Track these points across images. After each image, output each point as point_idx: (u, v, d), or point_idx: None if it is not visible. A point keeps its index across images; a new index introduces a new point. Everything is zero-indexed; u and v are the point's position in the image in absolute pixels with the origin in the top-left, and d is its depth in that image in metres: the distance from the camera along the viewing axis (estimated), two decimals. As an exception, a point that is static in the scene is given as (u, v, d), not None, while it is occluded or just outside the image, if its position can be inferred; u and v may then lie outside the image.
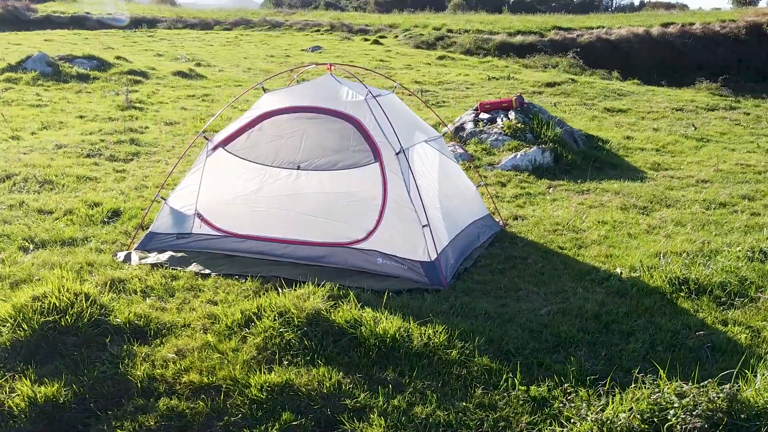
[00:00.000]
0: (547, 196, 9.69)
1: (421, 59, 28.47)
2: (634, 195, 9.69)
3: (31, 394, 4.52)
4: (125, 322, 5.40)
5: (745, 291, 6.09)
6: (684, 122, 16.64)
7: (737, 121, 17.08)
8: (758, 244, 7.18)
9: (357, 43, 34.90)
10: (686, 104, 19.27)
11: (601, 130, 14.84)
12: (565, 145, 11.62)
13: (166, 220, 7.11)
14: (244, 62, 26.24)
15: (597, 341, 5.31)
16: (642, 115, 17.56)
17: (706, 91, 23.05)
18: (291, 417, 4.40)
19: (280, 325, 5.22)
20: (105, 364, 4.89)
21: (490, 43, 33.13)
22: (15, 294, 5.76)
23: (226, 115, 15.24)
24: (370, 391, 4.64)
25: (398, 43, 35.11)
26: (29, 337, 5.05)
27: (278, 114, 6.95)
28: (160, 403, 4.55)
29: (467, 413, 4.47)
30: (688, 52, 34.29)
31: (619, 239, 7.70)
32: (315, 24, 41.84)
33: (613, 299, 6.03)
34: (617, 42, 34.65)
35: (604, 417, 4.24)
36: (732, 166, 11.82)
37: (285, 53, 29.61)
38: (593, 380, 4.72)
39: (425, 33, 35.96)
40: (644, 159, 12.36)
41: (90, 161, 10.64)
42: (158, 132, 13.29)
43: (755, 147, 13.85)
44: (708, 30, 36.01)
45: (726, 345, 5.23)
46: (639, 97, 20.35)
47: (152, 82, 19.98)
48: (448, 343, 5.15)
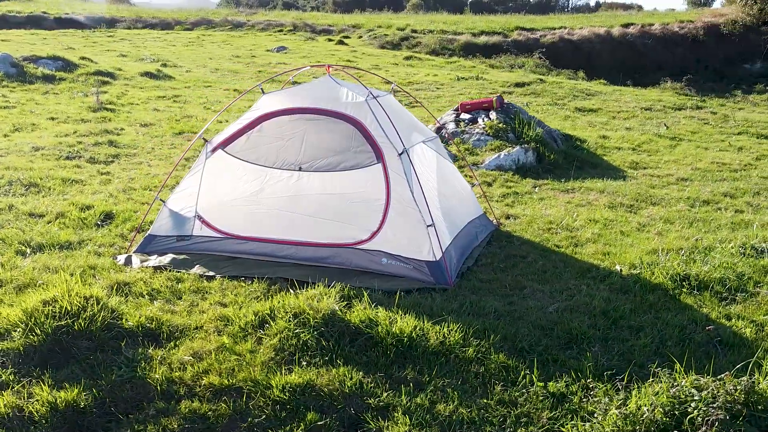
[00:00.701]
0: (534, 196, 9.84)
1: (388, 59, 28.57)
2: (620, 193, 9.88)
3: (50, 399, 4.50)
4: (137, 325, 5.39)
5: (744, 286, 6.27)
6: (654, 121, 16.98)
7: (706, 120, 17.48)
8: (749, 240, 7.38)
9: (321, 43, 34.86)
10: (654, 104, 19.66)
11: (576, 129, 15.08)
12: (547, 145, 11.79)
13: (166, 222, 7.08)
14: (210, 63, 26.07)
15: (608, 337, 5.42)
16: (613, 114, 17.88)
17: (672, 90, 23.53)
18: (316, 417, 4.44)
19: (296, 326, 5.25)
20: (122, 368, 4.88)
21: (455, 44, 33.35)
22: (21, 298, 5.72)
23: (201, 116, 15.18)
24: (391, 390, 4.70)
25: (363, 43, 35.14)
26: (42, 342, 5.03)
27: (278, 115, 6.95)
28: (182, 405, 4.55)
29: (489, 410, 4.54)
30: (648, 53, 34.91)
31: (613, 237, 7.86)
32: (277, 24, 41.68)
33: (618, 296, 6.16)
34: (579, 42, 35.12)
35: (627, 411, 4.34)
36: (708, 165, 12.12)
37: (250, 53, 29.45)
38: (610, 375, 4.82)
39: (390, 33, 36.04)
40: (622, 158, 12.60)
41: (71, 164, 10.52)
42: (135, 134, 13.18)
43: (727, 146, 14.20)
44: (667, 31, 36.67)
45: (733, 339, 5.38)
46: (607, 97, 20.70)
47: (120, 83, 19.75)
48: (464, 341, 5.23)
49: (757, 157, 13.03)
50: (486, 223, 8.02)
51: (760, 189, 10.35)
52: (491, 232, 7.95)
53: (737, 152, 13.52)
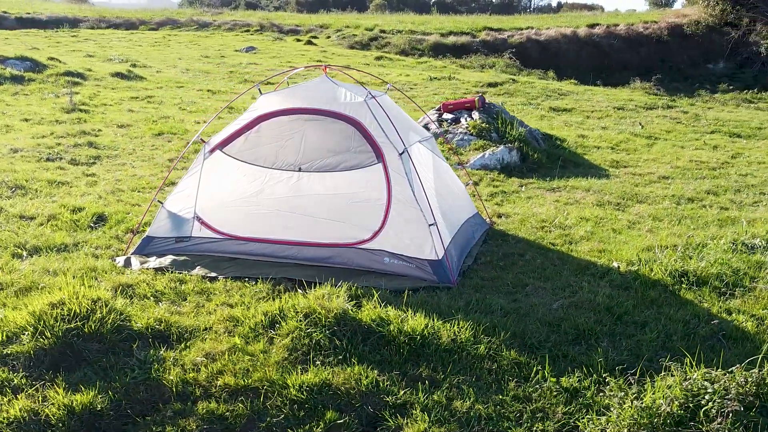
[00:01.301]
0: (522, 194, 9.96)
1: (359, 60, 28.60)
2: (606, 192, 10.05)
3: (66, 402, 4.48)
4: (146, 327, 5.40)
5: (740, 281, 6.43)
6: (629, 121, 17.26)
7: (678, 120, 17.80)
8: (738, 237, 7.56)
9: (290, 43, 34.78)
10: (626, 103, 19.97)
11: (554, 129, 15.27)
12: (530, 145, 11.94)
13: (164, 223, 7.05)
14: (180, 63, 25.88)
15: (614, 333, 5.53)
16: (587, 114, 18.12)
17: (641, 90, 23.91)
18: (335, 415, 4.48)
19: (307, 325, 5.29)
20: (135, 370, 4.88)
21: (424, 44, 33.47)
22: (25, 301, 5.68)
23: (178, 117, 15.08)
24: (408, 388, 4.75)
25: (332, 43, 35.12)
26: (53, 345, 5.01)
27: (276, 116, 6.97)
28: (199, 406, 4.57)
29: (504, 406, 4.62)
30: (613, 53, 35.32)
31: (606, 235, 8.00)
32: (244, 24, 41.47)
33: (619, 292, 6.28)
34: (546, 43, 35.43)
35: (643, 404, 4.44)
36: (687, 163, 12.36)
37: (219, 54, 29.27)
38: (621, 370, 4.92)
39: (358, 33, 36.06)
40: (602, 157, 12.80)
41: (53, 165, 10.40)
42: (113, 135, 13.06)
43: (702, 144, 14.49)
44: (632, 31, 37.13)
45: (736, 333, 5.52)
46: (580, 97, 20.97)
47: (91, 83, 19.52)
48: (474, 338, 5.30)
49: (733, 155, 13.32)
50: (480, 222, 8.11)
51: (741, 186, 10.60)
52: (486, 230, 8.05)
53: (713, 150, 13.81)
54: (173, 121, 14.50)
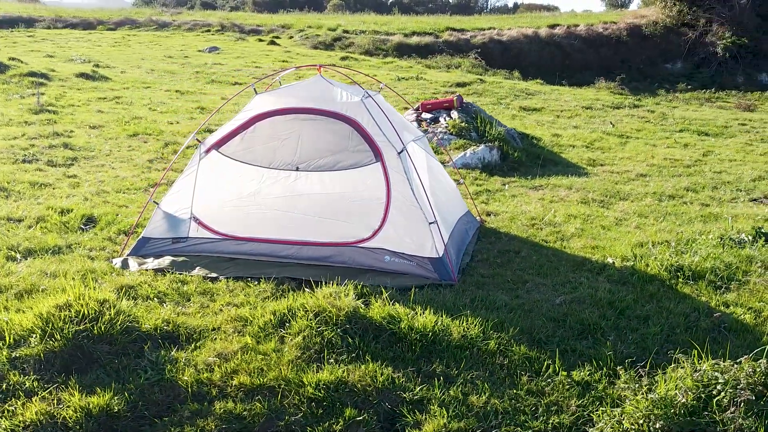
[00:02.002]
0: (506, 193, 10.09)
1: (325, 60, 28.54)
2: (588, 189, 10.23)
3: (82, 404, 4.46)
4: (154, 328, 5.39)
5: (734, 275, 6.61)
6: (598, 120, 17.54)
7: (646, 119, 18.14)
8: (725, 232, 7.76)
9: (253, 43, 34.59)
10: (593, 103, 20.27)
11: (527, 128, 15.46)
12: (509, 144, 12.09)
13: (160, 224, 7.02)
14: (144, 63, 25.58)
15: (618, 326, 5.65)
16: (557, 113, 18.37)
17: (606, 90, 24.29)
18: (354, 413, 4.52)
19: (318, 324, 5.31)
20: (148, 371, 4.88)
21: (388, 44, 33.53)
22: (26, 304, 5.63)
23: (150, 118, 14.93)
24: (423, 384, 4.80)
25: (295, 43, 34.99)
26: (62, 347, 4.98)
27: (272, 115, 6.98)
28: (216, 406, 4.58)
29: (519, 400, 4.70)
30: (574, 53, 35.74)
31: (596, 231, 8.15)
32: (204, 24, 41.12)
33: (618, 287, 6.42)
34: (509, 43, 35.70)
35: (658, 396, 4.55)
36: (662, 161, 12.62)
37: (182, 54, 29.01)
38: (630, 363, 5.03)
39: (321, 34, 35.99)
40: (579, 155, 13.01)
41: (32, 167, 10.26)
42: (86, 136, 12.89)
43: (673, 143, 14.80)
44: (592, 31, 37.57)
45: (735, 325, 5.68)
46: (548, 96, 21.23)
47: (56, 84, 19.22)
48: (484, 334, 5.38)
49: (704, 153, 13.63)
50: (472, 220, 8.21)
51: (717, 183, 10.87)
52: (477, 228, 8.15)
53: (684, 149, 14.12)
54: (146, 122, 14.36)
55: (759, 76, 33.41)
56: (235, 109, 16.14)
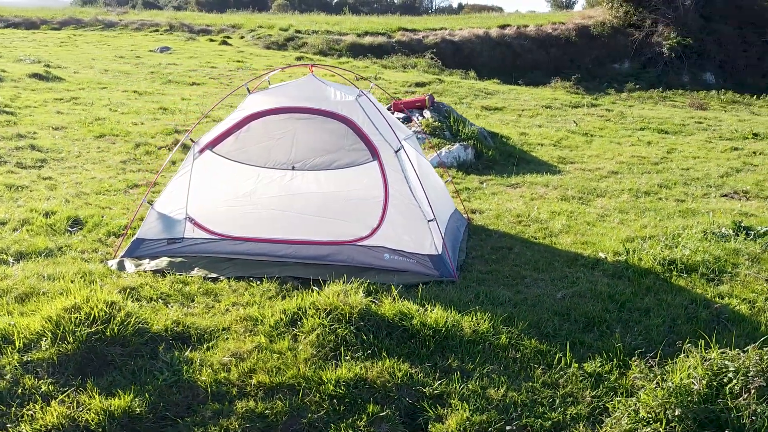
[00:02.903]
0: (485, 191, 10.23)
1: (279, 60, 28.42)
2: (565, 187, 10.43)
3: (104, 406, 4.44)
4: (164, 329, 5.38)
5: (724, 268, 6.82)
6: (559, 119, 17.84)
7: (606, 117, 18.51)
8: (708, 227, 7.99)
9: (204, 43, 34.25)
10: (552, 102, 20.60)
11: (493, 127, 15.63)
12: (483, 142, 12.23)
13: (155, 225, 6.96)
14: (96, 64, 25.13)
15: (621, 319, 5.80)
16: (518, 112, 18.63)
17: (562, 89, 24.70)
18: (376, 408, 4.57)
19: (331, 322, 5.34)
20: (164, 372, 4.86)
21: (341, 44, 33.52)
22: (28, 307, 5.58)
23: (114, 119, 14.71)
24: (441, 379, 4.87)
25: (247, 43, 34.77)
26: (76, 350, 4.94)
27: (266, 115, 6.98)
28: (238, 405, 4.60)
29: (536, 392, 4.80)
30: (524, 53, 36.20)
31: (582, 228, 8.33)
32: (152, 24, 40.52)
33: (615, 281, 6.58)
34: (461, 43, 35.98)
35: (672, 385, 4.69)
36: (629, 158, 12.92)
37: (133, 54, 28.58)
38: (639, 354, 5.17)
39: (274, 34, 35.82)
40: (549, 154, 13.23)
41: (3, 169, 10.03)
42: (51, 137, 12.65)
43: (636, 140, 15.15)
44: (541, 32, 38.07)
45: (733, 316, 5.88)
46: (506, 96, 21.51)
47: (9, 85, 18.78)
48: (494, 329, 5.46)
49: (668, 151, 13.99)
50: (460, 218, 8.31)
51: (687, 180, 11.18)
52: (466, 225, 8.25)
53: (648, 146, 14.47)
54: (110, 123, 14.14)
55: (703, 75, 34.29)
56: (199, 110, 16.10)
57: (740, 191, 10.49)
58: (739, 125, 17.48)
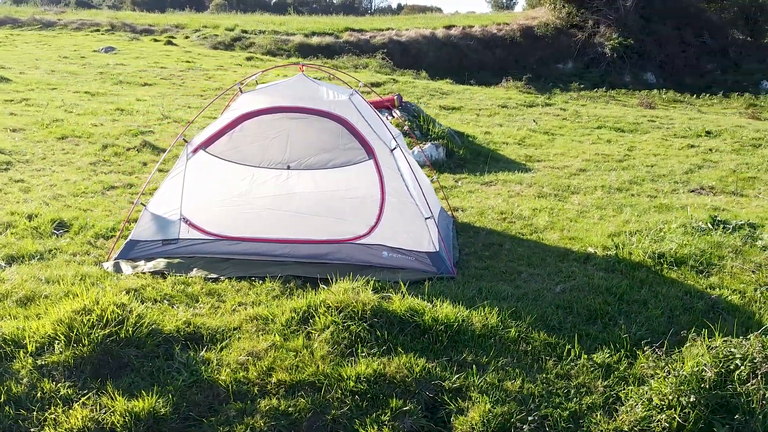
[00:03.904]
0: (462, 189, 10.37)
1: (229, 60, 28.22)
2: (540, 184, 10.64)
3: (128, 408, 4.43)
4: (176, 330, 5.37)
5: (710, 260, 7.07)
6: (517, 118, 18.11)
7: (562, 117, 18.86)
8: (687, 221, 8.25)
9: (148, 43, 33.73)
10: (507, 102, 20.88)
11: (455, 126, 15.76)
12: (453, 141, 12.38)
13: (149, 226, 6.91)
14: (40, 64, 24.55)
15: (623, 311, 5.96)
16: (476, 112, 18.84)
17: (515, 89, 25.06)
18: (399, 403, 4.64)
19: (344, 319, 5.39)
20: (182, 373, 4.86)
21: (289, 44, 33.41)
22: (32, 311, 5.52)
23: (72, 120, 14.46)
24: (459, 373, 4.96)
25: (193, 44, 34.37)
26: (92, 352, 4.92)
27: (260, 114, 6.98)
28: (261, 404, 4.63)
29: (551, 383, 4.93)
30: (470, 53, 36.65)
31: (565, 223, 8.52)
32: (93, 24, 39.72)
33: (609, 275, 6.76)
34: (408, 43, 36.24)
35: (685, 372, 4.87)
36: (594, 156, 13.22)
37: (78, 54, 27.99)
38: (645, 344, 5.34)
39: (220, 34, 35.49)
40: (515, 152, 13.45)
41: (-32, 172, 9.81)
42: (10, 139, 12.37)
43: (596, 138, 15.49)
44: (486, 32, 38.60)
45: (728, 305, 6.10)
46: (461, 95, 21.73)
47: (-47, 85, 18.30)
48: (502, 323, 5.58)
49: (629, 149, 14.35)
50: (447, 216, 8.43)
51: (654, 176, 11.51)
52: (453, 223, 8.36)
53: (608, 144, 14.82)
54: (68, 124, 13.88)
55: (644, 75, 35.19)
56: (158, 111, 15.92)
57: (706, 187, 10.85)
58: (690, 123, 18.00)
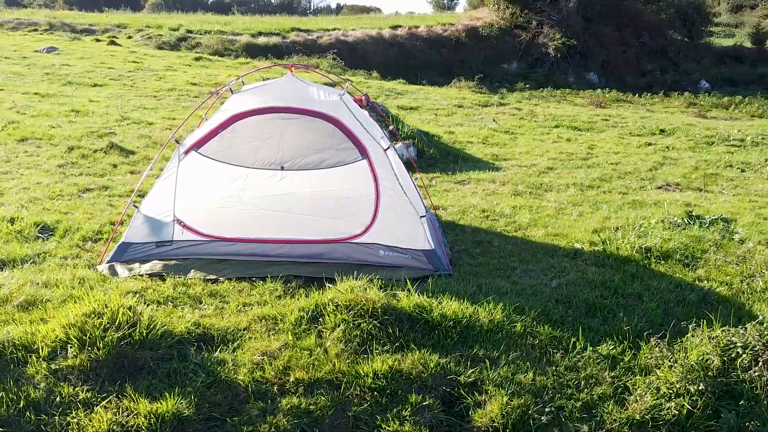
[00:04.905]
0: (437, 188, 10.51)
1: (177, 61, 27.90)
2: (514, 183, 10.83)
3: (151, 410, 4.43)
4: (186, 331, 5.38)
5: (694, 254, 7.32)
6: (475, 117, 18.34)
7: (519, 116, 19.16)
8: (664, 217, 8.51)
9: (91, 43, 33.09)
10: (462, 101, 21.13)
11: (416, 126, 15.90)
12: (423, 141, 12.49)
13: (141, 228, 6.86)
14: (-19, 66, 23.93)
15: (619, 304, 6.15)
16: (434, 112, 19.01)
17: (467, 89, 25.34)
18: (418, 398, 4.72)
19: (354, 317, 5.45)
20: (199, 374, 4.87)
21: (236, 44, 33.16)
22: (36, 315, 5.47)
23: (27, 123, 14.16)
24: (473, 367, 5.06)
25: (137, 44, 33.84)
26: (107, 356, 4.89)
27: (251, 115, 6.98)
28: (282, 403, 4.67)
29: (561, 375, 5.08)
30: (417, 54, 36.87)
31: (547, 220, 8.71)
32: (30, 23, 38.75)
33: (600, 269, 6.95)
34: (355, 43, 36.30)
35: (690, 361, 5.07)
36: (559, 155, 13.49)
37: (19, 55, 27.28)
38: (647, 335, 5.53)
39: (164, 34, 35.02)
40: (482, 151, 13.64)
41: (-65, 176, 9.57)
42: (-29, 144, 12.08)
43: (556, 137, 15.80)
44: (432, 33, 38.87)
45: (718, 297, 6.34)
46: (416, 95, 21.90)
47: None
48: (507, 318, 5.70)
49: (589, 147, 14.67)
50: (432, 214, 8.52)
51: (620, 174, 11.81)
52: (438, 221, 8.46)
53: (569, 143, 15.12)
54: (26, 126, 13.58)
55: (588, 75, 35.92)
56: (118, 112, 15.67)
57: (672, 183, 11.19)
58: (642, 122, 18.48)
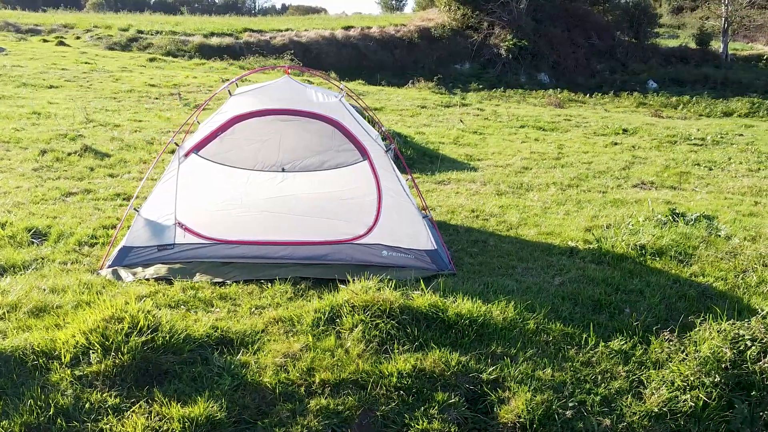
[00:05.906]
0: (421, 188, 10.55)
1: (130, 62, 27.53)
2: (494, 182, 10.97)
3: (184, 414, 4.43)
4: (206, 335, 5.38)
5: (685, 250, 7.51)
6: (440, 118, 18.48)
7: (483, 116, 19.38)
8: (648, 215, 8.72)
9: (38, 44, 32.41)
10: (424, 102, 21.29)
11: (386, 126, 16.00)
12: (398, 142, 12.55)
13: (142, 232, 6.79)
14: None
15: (623, 300, 6.29)
16: (398, 112, 19.12)
17: (427, 90, 25.51)
18: (444, 396, 4.80)
19: (372, 318, 5.49)
20: (224, 377, 4.87)
21: (189, 45, 32.87)
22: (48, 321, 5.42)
23: (-3, 124, 13.85)
24: (493, 365, 5.15)
25: (86, 44, 33.26)
26: (131, 361, 4.86)
27: (251, 117, 6.97)
28: (310, 404, 4.71)
29: (578, 371, 5.19)
30: (370, 54, 37.00)
31: (536, 219, 8.85)
32: (-29, 23, 37.81)
33: (598, 267, 7.09)
34: (308, 44, 36.28)
35: (703, 354, 5.23)
36: (531, 154, 13.69)
37: (-34, 56, 26.68)
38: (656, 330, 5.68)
39: (114, 34, 34.48)
40: (455, 152, 13.77)
41: None
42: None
43: (524, 137, 16.02)
44: (385, 33, 39.06)
45: (716, 292, 6.53)
46: (379, 96, 21.98)
47: None
48: (520, 316, 5.80)
49: (559, 146, 14.93)
50: (424, 215, 8.58)
51: (595, 173, 12.06)
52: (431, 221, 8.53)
53: (537, 143, 15.34)
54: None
55: (539, 75, 36.50)
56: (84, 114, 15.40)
57: (647, 182, 11.47)
58: (604, 122, 18.86)
